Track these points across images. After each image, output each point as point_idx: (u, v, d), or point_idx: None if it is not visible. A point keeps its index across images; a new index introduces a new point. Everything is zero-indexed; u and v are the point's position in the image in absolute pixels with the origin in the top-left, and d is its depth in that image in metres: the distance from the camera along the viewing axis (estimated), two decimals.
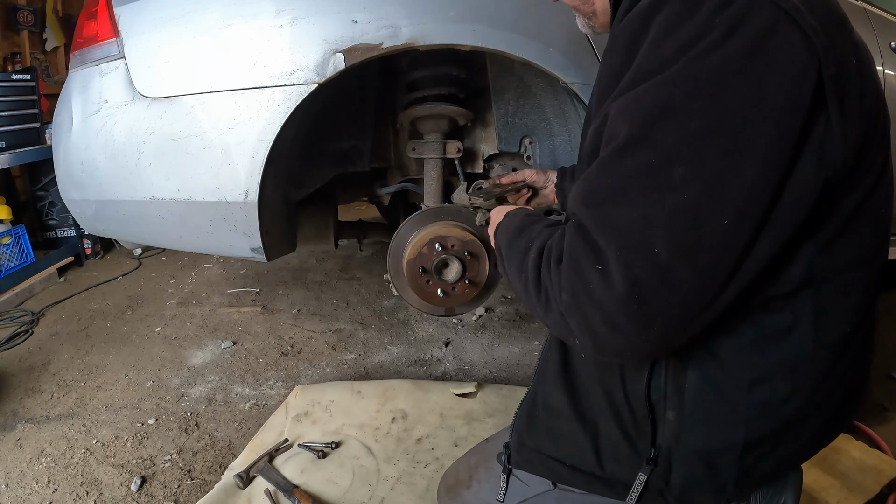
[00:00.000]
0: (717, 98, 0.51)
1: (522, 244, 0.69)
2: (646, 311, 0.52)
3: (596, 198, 0.56)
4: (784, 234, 0.54)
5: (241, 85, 1.24)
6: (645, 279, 0.52)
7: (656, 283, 0.52)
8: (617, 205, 0.54)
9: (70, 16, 3.82)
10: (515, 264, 0.69)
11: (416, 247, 1.34)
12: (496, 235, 0.82)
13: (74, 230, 3.04)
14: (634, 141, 0.54)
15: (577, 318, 0.56)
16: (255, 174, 1.27)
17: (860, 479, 1.25)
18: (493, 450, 1.04)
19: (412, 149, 1.57)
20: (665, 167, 0.52)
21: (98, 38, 1.35)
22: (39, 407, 1.69)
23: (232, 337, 2.13)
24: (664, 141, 0.52)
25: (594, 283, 0.54)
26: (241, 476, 1.29)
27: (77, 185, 1.44)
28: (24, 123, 2.76)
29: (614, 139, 0.56)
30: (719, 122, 0.51)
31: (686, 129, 0.51)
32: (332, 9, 1.20)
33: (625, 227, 0.53)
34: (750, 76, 0.50)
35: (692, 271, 0.52)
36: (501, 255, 0.78)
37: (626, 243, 0.52)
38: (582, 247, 0.55)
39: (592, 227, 0.55)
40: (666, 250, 0.51)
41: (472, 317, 2.24)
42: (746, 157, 0.51)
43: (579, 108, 1.36)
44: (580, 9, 0.83)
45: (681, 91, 0.52)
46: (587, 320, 0.55)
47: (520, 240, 0.71)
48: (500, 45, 1.20)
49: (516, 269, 0.68)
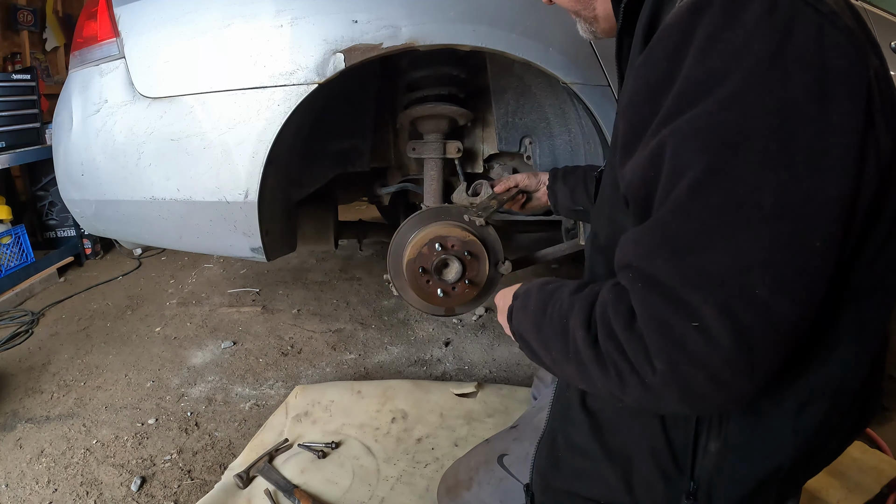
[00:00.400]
0: (787, 115, 0.47)
1: (556, 324, 0.63)
2: (754, 359, 0.48)
3: (678, 247, 0.50)
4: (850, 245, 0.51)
5: (241, 85, 1.24)
6: (751, 326, 0.47)
7: (762, 326, 0.47)
8: (707, 251, 0.48)
9: (70, 16, 3.82)
10: (558, 348, 0.62)
11: (416, 247, 1.34)
12: (513, 322, 0.74)
13: (74, 230, 3.04)
14: (714, 173, 0.48)
15: (677, 386, 0.50)
16: (255, 174, 1.27)
17: (860, 479, 1.25)
18: (493, 451, 1.04)
19: (412, 149, 1.57)
20: (753, 199, 0.47)
21: (98, 38, 1.35)
22: (39, 407, 1.69)
23: (232, 337, 2.13)
24: (747, 170, 0.48)
25: (692, 343, 0.48)
26: (241, 476, 1.29)
27: (77, 185, 1.44)
28: (24, 123, 2.76)
29: (684, 174, 0.50)
30: (796, 140, 0.47)
31: (766, 153, 0.47)
32: (332, 9, 1.20)
33: (721, 275, 0.48)
34: (811, 87, 0.47)
35: (792, 303, 0.48)
36: (529, 345, 0.70)
37: (725, 293, 0.47)
38: (665, 306, 0.50)
39: (677, 281, 0.49)
40: (767, 289, 0.47)
41: (472, 317, 2.24)
42: (827, 173, 0.47)
43: (579, 108, 1.36)
44: (581, 13, 0.81)
45: (750, 112, 0.48)
46: (689, 385, 0.50)
47: (549, 319, 0.65)
48: (500, 45, 1.20)
49: (561, 353, 0.62)
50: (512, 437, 1.04)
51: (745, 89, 0.48)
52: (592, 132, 1.37)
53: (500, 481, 0.98)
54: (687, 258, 0.49)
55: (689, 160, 0.50)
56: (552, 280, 0.73)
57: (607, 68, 1.22)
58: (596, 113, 1.24)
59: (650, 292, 0.51)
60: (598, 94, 1.23)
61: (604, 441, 0.73)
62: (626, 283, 0.55)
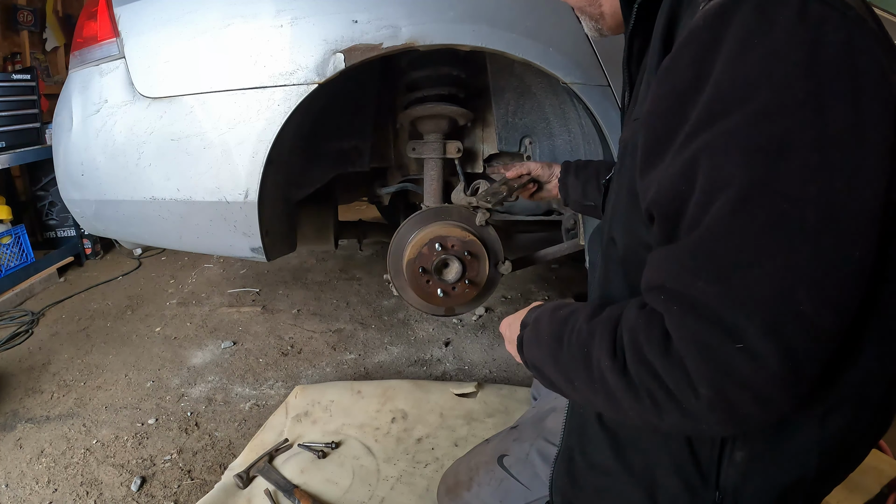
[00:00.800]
0: (824, 125, 0.46)
1: (576, 354, 0.60)
2: (800, 376, 0.47)
3: (721, 268, 0.48)
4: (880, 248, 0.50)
5: (241, 85, 1.24)
6: (797, 344, 0.46)
7: (807, 343, 0.46)
8: (751, 271, 0.47)
9: (70, 16, 3.82)
10: (581, 379, 0.60)
11: (416, 247, 1.34)
12: (524, 353, 0.72)
13: (74, 230, 3.04)
14: (756, 189, 0.46)
15: (723, 410, 0.49)
16: (255, 174, 1.27)
17: (860, 479, 1.25)
18: (493, 451, 1.04)
19: (412, 149, 1.57)
20: (796, 213, 0.46)
21: (98, 38, 1.35)
22: (39, 407, 1.69)
23: (232, 337, 2.13)
24: (789, 183, 0.46)
25: (738, 365, 0.47)
26: (241, 476, 1.29)
27: (77, 185, 1.44)
28: (24, 123, 2.76)
29: (723, 189, 0.48)
30: (835, 150, 0.46)
31: (807, 166, 0.46)
32: (332, 9, 1.20)
33: (766, 295, 0.46)
34: (846, 95, 0.47)
35: (836, 316, 0.47)
36: (546, 376, 0.68)
37: (771, 312, 0.46)
38: (707, 329, 0.48)
39: (719, 302, 0.47)
40: (812, 305, 0.46)
41: (472, 317, 2.24)
42: (862, 180, 0.46)
43: (579, 108, 1.36)
44: (586, 10, 0.78)
45: (788, 124, 0.46)
46: (734, 407, 0.49)
47: (566, 349, 0.62)
48: (500, 45, 1.20)
49: (585, 383, 0.60)
50: (512, 438, 1.04)
51: (782, 99, 0.46)
52: (592, 132, 1.37)
53: (500, 482, 0.98)
54: (731, 279, 0.47)
55: (728, 175, 0.47)
56: (562, 304, 0.71)
57: (607, 68, 1.22)
58: (596, 113, 1.24)
59: (689, 315, 0.49)
60: (598, 94, 1.23)
61: (624, 458, 0.71)
62: (657, 306, 0.52)
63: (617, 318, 0.57)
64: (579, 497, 0.78)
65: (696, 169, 0.49)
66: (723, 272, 0.48)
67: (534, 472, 0.96)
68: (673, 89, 0.53)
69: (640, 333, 0.52)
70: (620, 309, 0.58)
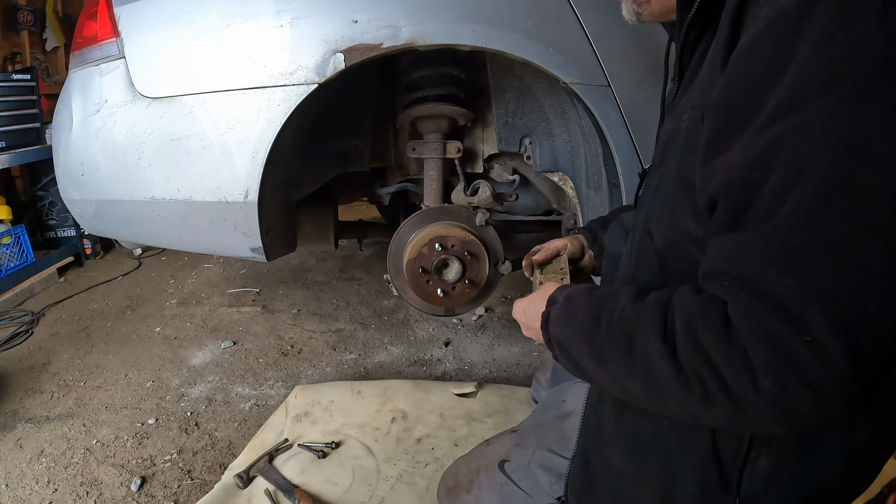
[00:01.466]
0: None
1: (617, 335, 0.58)
2: (858, 378, 0.46)
3: (797, 259, 0.47)
4: None
5: (241, 85, 1.24)
6: (862, 343, 0.45)
7: (870, 343, 0.45)
8: (828, 264, 0.46)
9: (70, 16, 3.82)
10: (619, 361, 0.58)
11: (416, 247, 1.34)
12: (550, 330, 0.69)
13: (74, 230, 3.04)
14: (841, 180, 0.45)
15: (782, 406, 0.47)
16: (255, 174, 1.27)
17: None
18: (494, 455, 1.03)
19: (412, 149, 1.57)
20: (874, 209, 0.45)
21: (98, 38, 1.36)
22: (39, 407, 1.69)
23: (232, 337, 2.13)
24: (870, 177, 0.45)
25: (804, 360, 0.46)
26: (241, 476, 1.29)
27: (77, 185, 1.44)
28: (24, 123, 2.76)
29: (804, 179, 0.46)
30: None
31: (887, 160, 0.45)
32: (332, 9, 1.20)
33: (839, 290, 0.45)
34: None
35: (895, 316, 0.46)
36: (571, 356, 0.65)
37: (843, 308, 0.45)
38: (777, 319, 0.46)
39: (792, 294, 0.46)
40: (878, 305, 0.45)
41: (472, 317, 2.24)
42: None
43: (579, 108, 1.36)
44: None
45: (872, 115, 0.45)
46: (793, 405, 0.47)
47: (605, 329, 0.60)
48: (500, 45, 1.20)
49: (622, 366, 0.57)
50: (513, 443, 1.04)
51: (867, 90, 0.45)
52: (592, 132, 1.37)
53: (500, 487, 0.98)
54: (806, 272, 0.46)
55: (810, 164, 0.46)
56: (594, 286, 0.68)
57: (607, 68, 1.22)
58: (596, 113, 1.24)
59: (758, 304, 0.47)
60: (598, 94, 1.23)
61: (642, 461, 0.69)
62: (719, 293, 0.51)
63: (666, 302, 0.55)
64: (594, 499, 0.77)
65: (775, 155, 0.48)
66: (797, 264, 0.46)
67: (535, 480, 0.96)
68: (750, 74, 0.52)
69: (698, 318, 0.51)
70: (670, 293, 0.56)
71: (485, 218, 1.38)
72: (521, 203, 1.78)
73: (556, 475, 0.91)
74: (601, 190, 1.40)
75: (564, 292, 0.71)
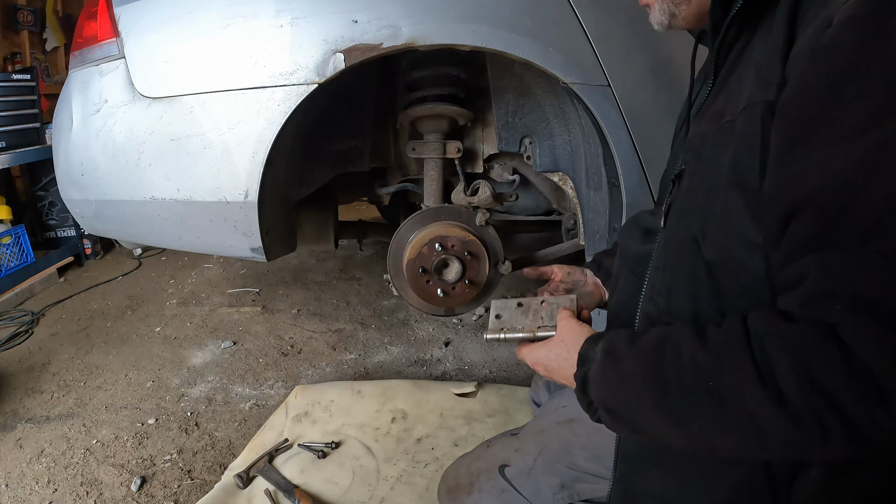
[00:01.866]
0: None
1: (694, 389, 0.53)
2: None
3: None
4: None
5: (241, 85, 1.24)
6: None
7: None
8: None
9: (70, 16, 3.82)
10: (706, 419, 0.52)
11: (416, 247, 1.34)
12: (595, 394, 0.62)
13: (74, 230, 3.04)
14: None
15: None
16: (255, 174, 1.27)
17: None
18: (494, 459, 1.03)
19: (412, 149, 1.57)
20: None
21: (98, 38, 1.35)
22: (39, 407, 1.69)
23: (232, 337, 2.13)
24: None
25: None
26: (241, 476, 1.29)
27: (77, 185, 1.44)
28: (24, 123, 2.76)
29: None
30: None
31: None
32: (332, 9, 1.20)
33: None
34: None
35: None
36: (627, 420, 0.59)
37: None
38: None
39: None
40: None
41: (472, 317, 2.24)
42: None
43: (579, 108, 1.36)
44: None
45: None
46: None
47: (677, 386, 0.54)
48: (500, 45, 1.20)
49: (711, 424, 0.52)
50: (514, 448, 1.03)
51: None
52: (592, 132, 1.37)
53: (501, 492, 0.98)
54: None
55: None
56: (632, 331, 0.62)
57: (607, 68, 1.22)
58: (596, 113, 1.24)
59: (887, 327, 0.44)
60: (598, 94, 1.23)
61: (689, 487, 0.66)
62: (829, 317, 0.46)
63: (744, 339, 0.51)
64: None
65: (880, 161, 0.45)
66: None
67: (536, 487, 0.95)
68: (830, 73, 0.48)
69: (811, 352, 0.46)
70: (740, 326, 0.52)
71: (485, 218, 1.38)
72: (521, 203, 1.78)
73: (558, 483, 0.91)
74: (601, 190, 1.40)
75: (599, 345, 0.63)
